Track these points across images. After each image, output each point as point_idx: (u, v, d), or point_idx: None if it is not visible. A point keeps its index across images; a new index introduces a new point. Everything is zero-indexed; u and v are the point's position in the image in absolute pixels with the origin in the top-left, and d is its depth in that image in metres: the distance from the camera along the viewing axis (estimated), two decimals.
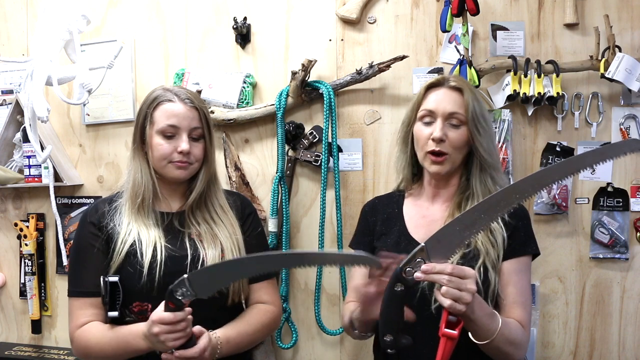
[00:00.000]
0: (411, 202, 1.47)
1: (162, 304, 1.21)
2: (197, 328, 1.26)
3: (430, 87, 1.40)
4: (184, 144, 1.40)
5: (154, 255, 1.36)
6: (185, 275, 1.17)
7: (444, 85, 1.38)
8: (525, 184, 1.10)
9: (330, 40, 1.95)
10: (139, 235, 1.39)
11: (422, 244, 1.12)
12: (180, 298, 1.18)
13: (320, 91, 1.88)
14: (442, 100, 1.36)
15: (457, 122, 1.35)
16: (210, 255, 1.40)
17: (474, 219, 1.11)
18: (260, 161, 2.00)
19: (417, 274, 1.10)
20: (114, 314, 1.36)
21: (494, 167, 1.38)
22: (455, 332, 1.12)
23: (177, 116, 1.40)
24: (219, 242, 1.42)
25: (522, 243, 1.35)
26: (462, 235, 1.11)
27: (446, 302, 1.09)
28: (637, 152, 1.13)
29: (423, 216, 1.42)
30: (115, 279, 1.36)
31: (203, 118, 1.44)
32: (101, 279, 1.36)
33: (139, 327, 1.29)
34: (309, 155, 1.92)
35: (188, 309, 1.21)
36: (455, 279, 1.09)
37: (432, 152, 1.35)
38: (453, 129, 1.35)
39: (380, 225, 1.46)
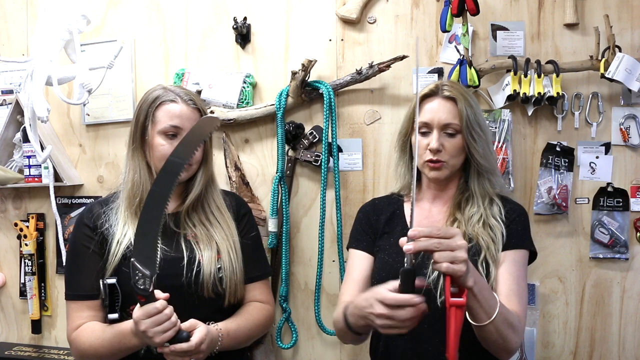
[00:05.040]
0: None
1: (138, 305, 1.20)
2: (189, 322, 1.25)
3: (424, 97, 1.41)
4: None
5: None
6: (132, 259, 1.17)
7: (438, 95, 1.40)
8: None
9: (330, 40, 1.95)
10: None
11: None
12: (142, 287, 1.16)
13: (320, 91, 1.88)
14: (437, 111, 1.38)
15: (453, 131, 1.38)
16: (206, 256, 1.39)
17: None
18: (260, 161, 2.00)
19: (406, 246, 1.05)
20: (114, 316, 1.35)
21: (491, 171, 1.41)
22: (462, 300, 1.07)
23: (179, 117, 1.40)
24: (215, 244, 1.42)
25: (518, 237, 1.37)
26: None
27: (443, 266, 1.04)
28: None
29: (425, 217, 1.44)
30: (113, 280, 1.35)
31: None
32: (100, 282, 1.35)
33: (127, 325, 1.28)
34: (309, 155, 1.92)
35: (162, 302, 1.19)
36: (444, 241, 1.05)
37: (430, 161, 1.38)
38: (449, 137, 1.38)
39: (383, 224, 1.48)
